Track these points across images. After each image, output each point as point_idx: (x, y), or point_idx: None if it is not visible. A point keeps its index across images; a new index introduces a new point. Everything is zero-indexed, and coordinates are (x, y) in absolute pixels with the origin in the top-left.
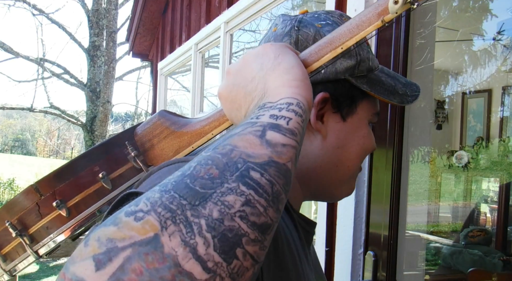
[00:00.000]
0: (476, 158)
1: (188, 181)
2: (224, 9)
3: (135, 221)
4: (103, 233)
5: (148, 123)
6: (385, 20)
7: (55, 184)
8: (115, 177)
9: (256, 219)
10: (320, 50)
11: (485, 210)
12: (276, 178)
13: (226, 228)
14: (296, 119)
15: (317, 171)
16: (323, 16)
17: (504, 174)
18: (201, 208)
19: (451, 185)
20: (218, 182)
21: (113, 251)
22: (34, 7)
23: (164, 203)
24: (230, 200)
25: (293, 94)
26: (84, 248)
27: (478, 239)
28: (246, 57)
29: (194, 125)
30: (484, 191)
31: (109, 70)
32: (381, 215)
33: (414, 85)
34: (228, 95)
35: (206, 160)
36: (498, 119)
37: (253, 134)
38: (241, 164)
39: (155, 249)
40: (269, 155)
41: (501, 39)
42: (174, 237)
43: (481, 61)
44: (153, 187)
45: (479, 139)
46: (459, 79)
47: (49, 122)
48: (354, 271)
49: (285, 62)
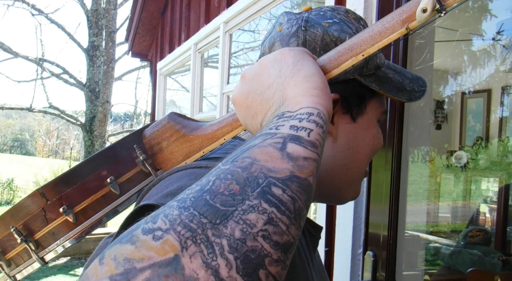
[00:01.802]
0: (476, 158)
1: (207, 197)
2: (223, 9)
3: (153, 240)
4: (119, 252)
5: (157, 126)
6: (410, 27)
7: (61, 188)
8: (123, 181)
9: (278, 238)
10: (339, 57)
11: (485, 210)
12: (298, 194)
13: (249, 248)
14: (317, 130)
15: (328, 172)
16: (329, 14)
17: (504, 174)
18: (223, 227)
19: (450, 185)
20: (239, 199)
21: (131, 272)
22: (33, 7)
23: (184, 222)
24: (252, 218)
25: (313, 104)
26: (100, 266)
27: (477, 239)
28: (263, 62)
29: (206, 129)
30: (483, 191)
31: (108, 70)
32: (380, 215)
33: (421, 80)
34: (243, 101)
35: (226, 174)
36: (497, 119)
37: (273, 146)
38: (262, 179)
39: (175, 271)
40: (290, 169)
41: (500, 39)
42: (195, 258)
43: (481, 61)
44: (163, 195)
45: (479, 139)
46: (459, 79)
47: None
48: (353, 271)
49: (305, 70)
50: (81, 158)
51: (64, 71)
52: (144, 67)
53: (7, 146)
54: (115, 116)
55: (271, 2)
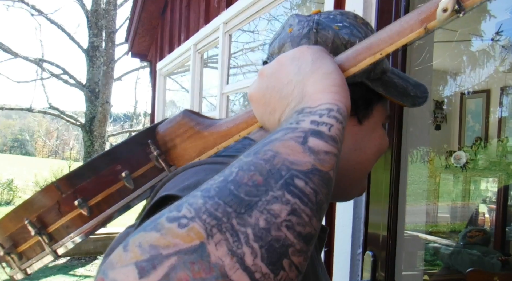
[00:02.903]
0: (475, 158)
1: (232, 187)
2: (223, 10)
3: (179, 228)
4: (144, 239)
5: (171, 122)
6: (428, 27)
7: (76, 182)
8: (137, 176)
9: (301, 229)
10: (358, 56)
11: (484, 210)
12: (319, 186)
13: (273, 238)
14: (337, 126)
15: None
16: (339, 17)
17: (503, 174)
18: (247, 216)
19: (449, 185)
20: (263, 190)
21: (157, 259)
22: (33, 7)
23: (209, 210)
24: (276, 208)
25: (333, 100)
26: (124, 253)
27: (476, 239)
28: (281, 59)
29: (221, 126)
30: (482, 191)
31: (108, 71)
32: (380, 215)
33: (422, 86)
34: (261, 98)
35: (249, 165)
36: (496, 119)
37: (295, 140)
38: (284, 171)
39: (201, 258)
40: (312, 162)
41: (499, 40)
42: (220, 245)
43: (480, 61)
44: (181, 189)
45: (478, 139)
46: (458, 79)
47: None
48: (353, 271)
49: (324, 67)
50: (81, 158)
51: (64, 72)
52: (144, 67)
53: (7, 146)
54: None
55: (271, 3)
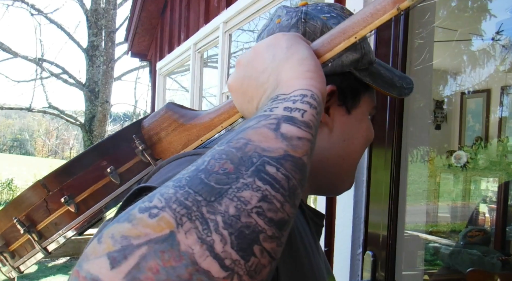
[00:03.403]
0: (475, 158)
1: (202, 176)
2: (223, 9)
3: (149, 218)
4: (117, 230)
5: (155, 116)
6: (401, 8)
7: (62, 179)
8: (123, 171)
9: (273, 215)
10: (333, 40)
11: (484, 210)
12: (292, 172)
13: (243, 224)
14: (311, 111)
15: (324, 163)
16: (326, 8)
17: (503, 174)
18: (217, 204)
19: (450, 185)
20: (234, 177)
21: (128, 249)
22: (32, 7)
23: (179, 199)
24: (246, 195)
25: (307, 86)
26: (98, 245)
27: (476, 239)
28: (257, 47)
29: (203, 117)
30: (483, 191)
31: (107, 70)
32: (380, 215)
33: (408, 78)
34: (239, 87)
35: (220, 154)
36: (497, 119)
37: (267, 127)
38: (256, 158)
39: (171, 246)
40: (284, 148)
41: (500, 39)
42: (190, 234)
43: (480, 61)
44: (163, 181)
45: (478, 139)
46: (458, 79)
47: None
48: (353, 271)
49: (298, 53)
50: None
51: (63, 71)
52: (143, 67)
53: (7, 146)
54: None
55: (271, 2)
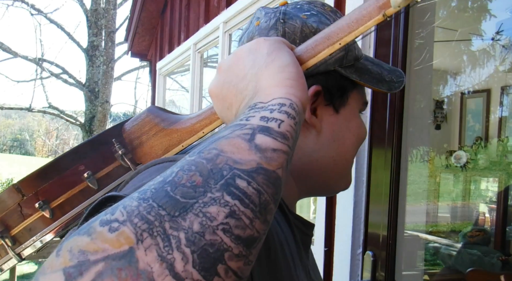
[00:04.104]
0: (475, 158)
1: (168, 188)
2: (223, 9)
3: (109, 232)
4: (75, 243)
5: (136, 119)
6: (387, 14)
7: (38, 183)
8: (102, 176)
9: (240, 232)
10: (317, 46)
11: (484, 210)
12: (264, 186)
13: (207, 242)
14: (289, 122)
15: (314, 166)
16: (306, 6)
17: (503, 174)
18: (181, 220)
19: (449, 185)
20: (201, 191)
21: (85, 265)
22: (32, 7)
23: (142, 213)
24: (212, 211)
25: (286, 95)
26: (56, 258)
27: (477, 239)
28: (238, 52)
29: (185, 122)
30: (483, 191)
31: (107, 70)
32: (380, 215)
33: (398, 71)
34: (219, 93)
35: (190, 165)
36: (497, 119)
37: (241, 138)
38: (227, 171)
39: (129, 264)
40: (257, 161)
41: (499, 39)
42: (150, 251)
43: (480, 61)
44: (137, 188)
45: (478, 139)
46: (458, 79)
47: (48, 122)
48: (352, 271)
49: (279, 60)
50: None
51: (63, 71)
52: (143, 67)
53: (7, 146)
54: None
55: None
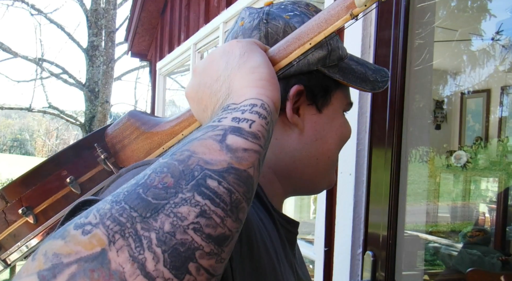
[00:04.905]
0: (475, 157)
1: (140, 190)
2: (223, 9)
3: (82, 235)
4: (50, 247)
5: (118, 124)
6: (354, 13)
7: (21, 190)
8: (85, 180)
9: (211, 231)
10: (288, 46)
11: (484, 210)
12: (235, 185)
13: (178, 241)
14: (260, 122)
15: (297, 164)
16: (290, 7)
17: (503, 174)
18: (152, 221)
19: (450, 185)
20: (172, 192)
21: (58, 267)
22: (32, 7)
23: (114, 215)
24: (183, 211)
25: (257, 95)
26: (31, 262)
27: (477, 239)
28: (212, 54)
29: (164, 125)
30: (483, 191)
31: (107, 70)
32: (380, 215)
33: (383, 71)
34: (194, 95)
35: (162, 167)
36: (496, 119)
37: (213, 139)
38: (198, 171)
39: (101, 265)
40: (228, 161)
41: (499, 39)
42: (122, 252)
43: (480, 61)
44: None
45: (478, 139)
46: (458, 79)
47: (48, 122)
48: (353, 271)
49: (251, 61)
50: None
51: (63, 71)
52: (143, 67)
53: (7, 146)
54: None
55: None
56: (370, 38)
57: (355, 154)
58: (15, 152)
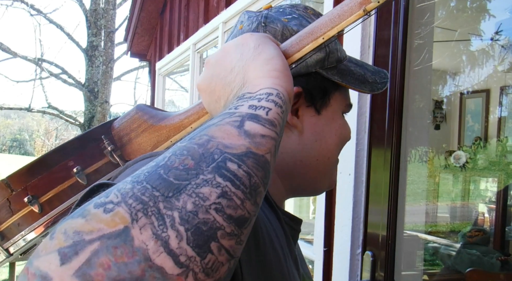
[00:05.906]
0: (474, 158)
1: (161, 171)
2: (222, 9)
3: (104, 213)
4: (69, 226)
5: (125, 117)
6: (367, 9)
7: (27, 179)
8: (91, 171)
9: (232, 212)
10: (301, 41)
11: (483, 210)
12: (254, 169)
13: (201, 220)
14: (276, 110)
15: (297, 166)
16: (288, 10)
17: (502, 174)
18: (175, 200)
19: (449, 185)
20: (193, 173)
21: (80, 244)
22: (32, 7)
23: (136, 194)
24: (205, 191)
25: (272, 85)
26: (50, 241)
27: (476, 239)
28: (225, 47)
29: (173, 119)
30: (482, 191)
31: (107, 70)
32: (379, 215)
33: (382, 72)
34: (207, 87)
35: (182, 150)
36: (496, 119)
37: (231, 124)
38: (218, 154)
39: (124, 242)
40: (247, 145)
41: (499, 40)
42: (145, 229)
43: (479, 61)
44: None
45: (477, 139)
46: (457, 79)
47: (47, 122)
48: (352, 271)
49: (265, 53)
50: None
51: (63, 71)
52: (143, 67)
53: (6, 146)
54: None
55: (270, 2)
56: (369, 38)
57: (355, 154)
58: (15, 152)
